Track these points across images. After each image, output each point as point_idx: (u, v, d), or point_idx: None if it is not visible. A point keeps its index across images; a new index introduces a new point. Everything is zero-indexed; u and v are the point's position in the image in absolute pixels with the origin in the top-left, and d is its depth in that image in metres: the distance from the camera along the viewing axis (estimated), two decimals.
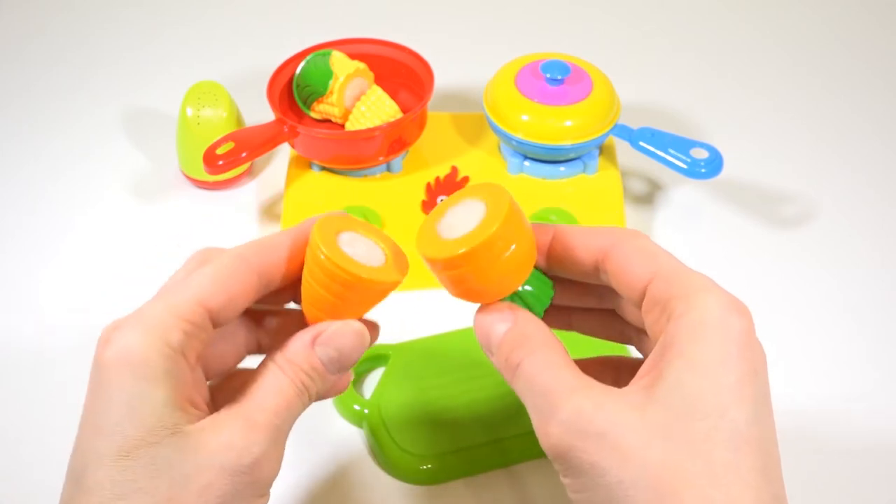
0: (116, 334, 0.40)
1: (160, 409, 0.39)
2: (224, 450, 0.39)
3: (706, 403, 0.38)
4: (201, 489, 0.39)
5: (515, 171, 0.70)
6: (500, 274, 0.42)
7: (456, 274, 0.42)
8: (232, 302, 0.42)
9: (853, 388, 0.60)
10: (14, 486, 0.55)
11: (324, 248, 0.41)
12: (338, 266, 0.41)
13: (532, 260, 0.43)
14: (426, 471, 0.55)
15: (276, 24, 0.90)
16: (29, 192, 0.73)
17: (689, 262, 0.69)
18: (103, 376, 0.40)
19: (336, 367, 0.43)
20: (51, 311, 0.65)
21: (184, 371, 0.40)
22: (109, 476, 0.38)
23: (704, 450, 0.37)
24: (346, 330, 0.42)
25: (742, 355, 0.39)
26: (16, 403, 0.59)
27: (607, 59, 0.74)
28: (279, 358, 0.42)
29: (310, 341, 0.42)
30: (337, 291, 0.42)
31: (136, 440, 0.39)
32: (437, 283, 0.67)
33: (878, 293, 0.66)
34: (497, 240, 0.41)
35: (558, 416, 0.39)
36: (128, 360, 0.39)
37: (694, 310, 0.40)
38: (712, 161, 0.67)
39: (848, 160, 0.77)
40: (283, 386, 0.41)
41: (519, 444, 0.56)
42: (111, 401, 0.39)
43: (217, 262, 0.42)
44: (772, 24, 0.92)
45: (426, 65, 0.72)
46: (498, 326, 0.42)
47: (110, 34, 0.89)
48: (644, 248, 0.43)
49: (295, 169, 0.70)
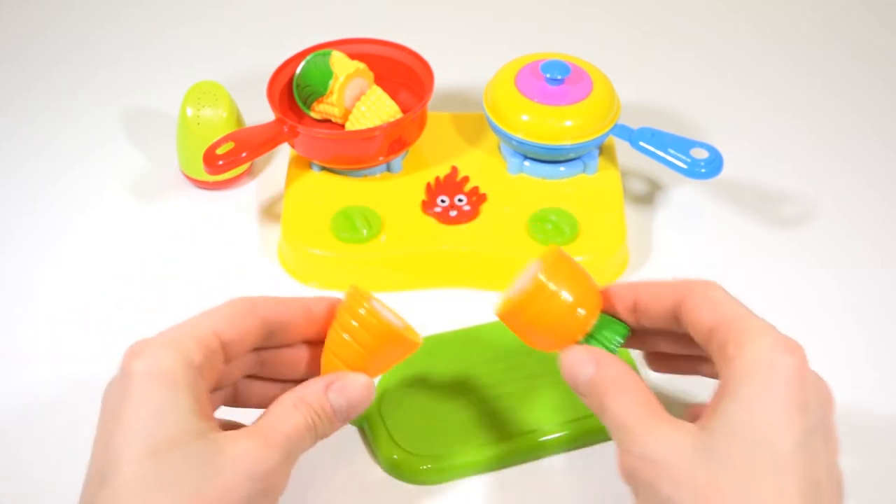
0: (146, 349, 0.45)
1: (185, 415, 0.44)
2: (243, 456, 0.44)
3: (751, 432, 0.43)
4: (222, 490, 0.43)
5: (515, 171, 0.70)
6: (557, 320, 0.48)
7: (517, 325, 0.49)
8: (242, 338, 0.48)
9: (853, 388, 0.60)
10: (14, 486, 0.55)
11: (366, 305, 0.48)
12: (379, 320, 0.48)
13: (593, 305, 0.49)
14: (426, 471, 0.55)
15: (276, 24, 0.90)
16: (29, 192, 0.73)
17: (690, 262, 0.70)
18: (132, 384, 0.44)
19: (344, 415, 0.48)
20: (51, 311, 0.65)
21: (203, 389, 0.46)
22: (138, 474, 0.42)
23: (745, 472, 0.42)
24: (357, 383, 0.48)
25: (790, 389, 0.43)
26: (16, 403, 0.59)
27: (607, 59, 0.74)
28: (294, 397, 0.47)
29: (324, 387, 0.48)
30: (368, 343, 0.48)
31: (165, 442, 0.42)
32: (438, 284, 0.67)
33: (878, 293, 0.66)
34: (540, 291, 0.48)
35: (630, 447, 0.45)
36: (156, 371, 0.44)
37: (746, 353, 0.44)
38: (712, 161, 0.67)
39: (848, 160, 0.77)
40: (296, 420, 0.46)
41: (519, 445, 0.56)
42: (140, 406, 0.43)
43: (229, 304, 0.48)
44: (772, 24, 0.92)
45: (426, 65, 0.72)
46: (584, 371, 0.48)
47: (110, 34, 0.89)
48: (711, 297, 0.48)
49: (295, 169, 0.70)
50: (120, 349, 0.62)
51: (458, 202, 0.68)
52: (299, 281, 0.67)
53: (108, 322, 0.64)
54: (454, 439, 0.55)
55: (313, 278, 0.66)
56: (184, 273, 0.67)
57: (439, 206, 0.67)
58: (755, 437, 0.43)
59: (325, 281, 0.66)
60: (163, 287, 0.66)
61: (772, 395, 0.43)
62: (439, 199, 0.68)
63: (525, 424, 0.56)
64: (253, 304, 0.48)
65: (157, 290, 0.66)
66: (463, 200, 0.68)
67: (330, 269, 0.66)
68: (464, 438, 0.55)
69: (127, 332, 0.63)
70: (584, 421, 0.55)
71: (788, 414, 0.43)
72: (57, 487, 0.55)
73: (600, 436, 0.55)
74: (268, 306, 0.49)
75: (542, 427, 0.56)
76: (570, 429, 0.56)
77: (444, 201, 0.68)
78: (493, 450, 0.55)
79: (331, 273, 0.66)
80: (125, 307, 0.65)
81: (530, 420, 0.56)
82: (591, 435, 0.56)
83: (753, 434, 0.43)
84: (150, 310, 0.65)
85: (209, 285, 0.66)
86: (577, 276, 0.49)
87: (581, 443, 0.56)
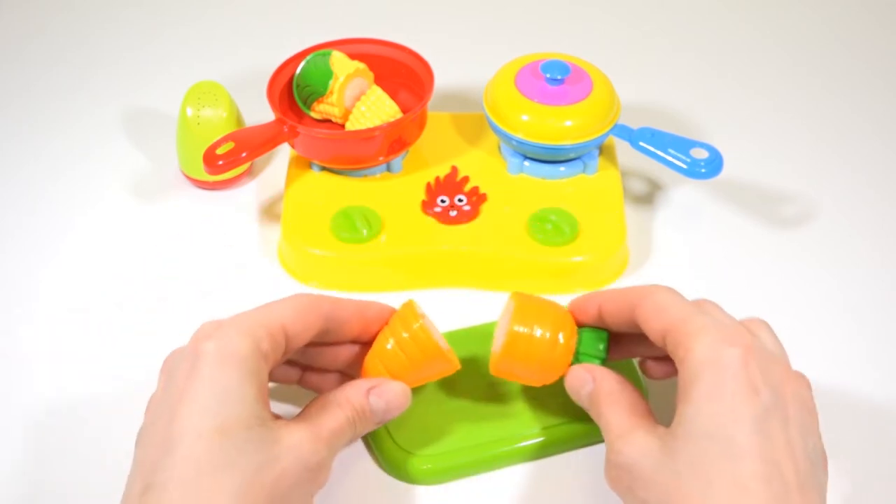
0: (218, 331, 0.48)
1: (251, 400, 0.46)
2: (298, 446, 0.47)
3: (705, 427, 0.45)
4: (279, 474, 0.45)
5: (515, 172, 0.70)
6: (543, 356, 0.52)
7: (513, 375, 0.54)
8: (303, 332, 0.50)
9: (853, 388, 0.60)
10: (15, 486, 0.55)
11: (421, 321, 0.52)
12: (429, 336, 0.52)
13: (569, 328, 0.53)
14: (426, 471, 0.55)
15: (276, 24, 0.90)
16: (29, 192, 0.73)
17: (690, 262, 0.70)
18: (203, 365, 0.47)
19: (380, 416, 0.52)
20: (51, 311, 0.65)
21: (265, 376, 0.48)
22: (207, 448, 0.44)
23: (703, 466, 0.45)
24: (397, 389, 0.52)
25: (736, 379, 0.46)
26: (16, 403, 0.59)
27: (607, 59, 0.74)
28: (339, 396, 0.51)
29: (366, 390, 0.51)
30: (414, 356, 0.52)
31: (233, 422, 0.45)
32: (437, 284, 0.67)
33: (879, 293, 0.66)
34: (517, 339, 0.52)
35: (610, 456, 0.49)
36: (229, 353, 0.47)
37: (691, 353, 0.47)
38: (712, 161, 0.67)
39: (848, 160, 0.77)
40: (339, 416, 0.50)
41: (519, 445, 0.56)
42: (210, 385, 0.46)
43: (296, 298, 0.51)
44: (772, 24, 0.92)
45: (426, 65, 0.72)
46: (585, 387, 0.52)
47: (110, 34, 0.89)
48: (657, 302, 0.50)
49: (295, 169, 0.70)
50: (120, 349, 0.62)
51: (458, 202, 0.68)
52: (299, 281, 0.67)
53: (108, 322, 0.64)
54: (454, 439, 0.55)
55: (313, 278, 0.66)
56: (184, 273, 0.67)
57: (439, 206, 0.67)
58: (708, 432, 0.45)
59: (325, 281, 0.66)
60: (163, 287, 0.66)
61: (719, 389, 0.46)
62: (439, 199, 0.68)
63: (526, 425, 0.56)
64: (317, 301, 0.51)
65: (157, 290, 0.66)
66: (463, 200, 0.68)
67: (330, 269, 0.66)
68: (464, 438, 0.55)
69: (127, 332, 0.64)
70: (585, 422, 0.55)
71: (735, 403, 0.45)
72: (57, 487, 0.55)
73: (600, 437, 0.55)
74: (329, 305, 0.52)
75: (541, 428, 0.56)
76: (569, 430, 0.56)
77: (444, 201, 0.68)
78: (495, 449, 0.55)
79: (331, 273, 0.66)
80: (125, 307, 0.65)
81: (530, 421, 0.56)
82: (591, 435, 0.56)
83: (707, 429, 0.45)
84: (150, 310, 0.65)
85: (209, 285, 0.66)
86: (546, 310, 0.53)
87: (581, 443, 0.56)
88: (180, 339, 0.63)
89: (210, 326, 0.48)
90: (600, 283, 0.66)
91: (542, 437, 0.56)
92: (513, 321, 0.52)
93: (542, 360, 0.52)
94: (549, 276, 0.65)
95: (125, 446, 0.50)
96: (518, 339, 0.52)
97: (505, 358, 0.53)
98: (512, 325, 0.52)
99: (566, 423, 0.56)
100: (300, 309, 0.50)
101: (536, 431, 0.56)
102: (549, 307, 0.54)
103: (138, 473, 0.45)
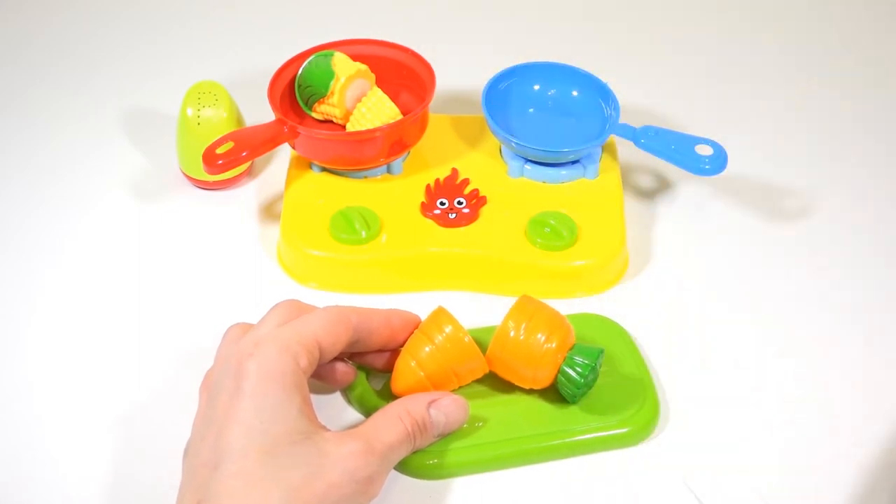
0: (259, 349, 0.49)
1: (296, 415, 0.48)
2: (349, 458, 0.48)
3: None
4: (328, 486, 0.47)
5: (516, 175, 0.70)
6: (528, 353, 0.54)
7: (502, 369, 0.56)
8: (335, 345, 0.52)
9: (853, 388, 0.60)
10: (15, 486, 0.55)
11: (454, 323, 0.55)
12: (466, 337, 0.54)
13: (563, 338, 0.55)
14: (431, 465, 0.55)
15: (276, 24, 0.90)
16: (29, 192, 0.73)
17: (693, 258, 0.70)
18: (247, 383, 0.48)
19: (440, 429, 0.53)
20: (51, 311, 0.65)
21: (306, 389, 0.50)
22: (255, 464, 0.46)
23: None
24: (459, 403, 0.54)
25: None
26: (15, 403, 0.59)
27: (609, 57, 0.74)
28: (398, 408, 0.52)
29: (427, 404, 0.53)
30: (452, 358, 0.54)
31: (280, 438, 0.47)
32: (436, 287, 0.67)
33: (881, 292, 0.66)
34: (505, 331, 0.55)
35: None
36: (272, 372, 0.49)
37: None
38: (716, 158, 0.67)
39: (853, 158, 0.77)
40: (398, 429, 0.51)
41: (523, 443, 0.56)
42: (254, 404, 0.48)
43: (326, 311, 0.52)
44: (774, 21, 0.91)
45: (428, 67, 0.72)
46: None
47: (110, 34, 0.89)
48: None
49: (295, 169, 0.70)
50: (120, 349, 0.62)
51: (458, 205, 0.68)
52: (298, 281, 0.67)
53: (109, 322, 0.64)
54: (460, 435, 0.55)
55: (311, 279, 0.66)
56: (183, 273, 0.67)
57: (438, 208, 0.67)
58: None
59: (324, 282, 0.66)
60: (163, 287, 0.66)
61: None
62: (438, 202, 0.68)
63: (531, 424, 0.56)
64: (347, 313, 0.53)
65: (157, 290, 0.66)
66: (462, 203, 0.68)
67: (328, 270, 0.66)
68: (470, 434, 0.56)
69: (127, 333, 0.63)
70: (587, 429, 0.56)
71: None
72: (57, 486, 0.55)
73: (601, 443, 0.56)
74: (357, 316, 0.53)
75: (542, 430, 0.56)
76: (572, 435, 0.56)
77: (444, 204, 0.68)
78: (500, 446, 0.56)
79: (329, 274, 0.66)
80: (125, 307, 0.65)
81: (531, 422, 0.57)
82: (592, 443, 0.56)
83: None
84: (151, 310, 0.65)
85: (208, 285, 0.66)
86: (544, 314, 0.55)
87: (582, 450, 0.57)
88: (180, 339, 0.63)
89: (250, 344, 0.50)
90: (599, 288, 0.66)
91: (545, 442, 0.56)
92: (509, 314, 0.55)
93: (529, 357, 0.54)
94: (547, 280, 0.65)
95: (125, 445, 0.50)
96: (508, 329, 0.55)
97: (494, 347, 0.55)
98: (507, 317, 0.55)
99: (569, 429, 0.56)
100: (331, 322, 0.52)
101: (539, 435, 0.56)
102: (549, 313, 0.55)
103: (188, 489, 0.47)
